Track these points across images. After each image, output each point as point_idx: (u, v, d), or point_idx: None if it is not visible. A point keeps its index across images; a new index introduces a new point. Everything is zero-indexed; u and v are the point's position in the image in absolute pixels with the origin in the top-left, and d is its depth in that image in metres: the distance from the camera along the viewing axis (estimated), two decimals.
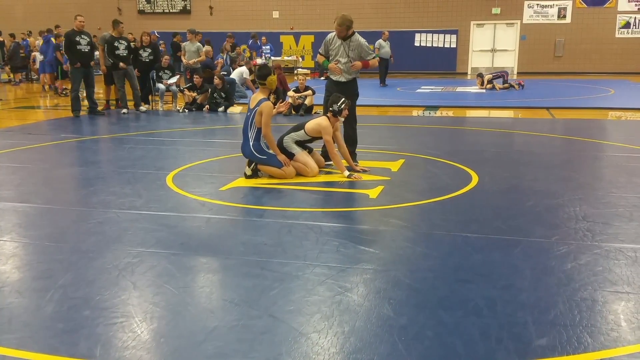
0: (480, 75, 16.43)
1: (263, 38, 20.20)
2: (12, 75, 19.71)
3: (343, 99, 6.08)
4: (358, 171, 6.06)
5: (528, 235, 4.15)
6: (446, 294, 3.20)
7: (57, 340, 2.72)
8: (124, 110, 11.54)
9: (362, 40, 6.36)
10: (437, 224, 4.44)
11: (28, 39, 20.85)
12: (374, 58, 6.46)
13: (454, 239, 4.08)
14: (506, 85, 15.80)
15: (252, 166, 5.91)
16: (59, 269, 3.60)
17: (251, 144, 5.88)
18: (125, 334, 2.78)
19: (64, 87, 15.56)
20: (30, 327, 2.87)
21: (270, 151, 5.90)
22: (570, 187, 5.51)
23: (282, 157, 5.90)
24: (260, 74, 6.04)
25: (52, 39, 15.74)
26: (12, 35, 20.04)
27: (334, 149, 6.02)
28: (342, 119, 6.21)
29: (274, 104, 10.90)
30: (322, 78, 20.37)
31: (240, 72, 14.64)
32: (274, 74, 6.04)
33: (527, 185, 5.66)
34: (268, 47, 19.94)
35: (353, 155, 6.43)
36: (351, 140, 6.49)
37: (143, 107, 11.82)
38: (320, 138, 6.10)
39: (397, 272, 3.52)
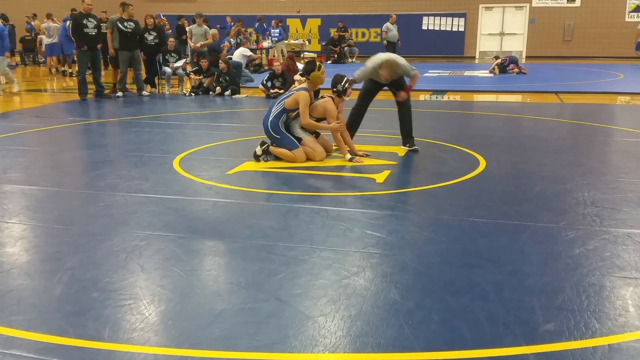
0: (497, 58, 16.29)
1: (273, 21, 19.23)
2: (10, 59, 19.56)
3: (346, 78, 6.04)
4: (360, 155, 6.05)
5: (536, 220, 4.13)
6: (453, 279, 3.19)
7: (65, 322, 2.74)
8: (119, 94, 11.50)
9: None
10: (444, 209, 4.43)
11: (32, 22, 20.72)
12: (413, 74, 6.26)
13: (461, 224, 4.07)
14: (516, 69, 15.68)
15: (263, 146, 5.92)
16: (67, 251, 3.62)
17: (270, 119, 5.93)
18: (134, 316, 2.80)
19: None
20: (38, 309, 2.89)
21: (286, 132, 5.94)
22: (579, 173, 5.48)
23: (318, 143, 6.03)
24: (305, 69, 6.13)
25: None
26: (5, 18, 19.78)
27: (338, 133, 6.00)
28: (347, 99, 6.17)
29: (280, 87, 10.92)
30: (329, 62, 20.13)
31: (240, 54, 14.53)
32: (319, 70, 6.00)
33: (535, 170, 5.63)
34: (277, 30, 18.77)
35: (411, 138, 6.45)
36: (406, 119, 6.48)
37: (145, 92, 11.78)
38: (325, 119, 6.07)
39: (404, 256, 3.52)
